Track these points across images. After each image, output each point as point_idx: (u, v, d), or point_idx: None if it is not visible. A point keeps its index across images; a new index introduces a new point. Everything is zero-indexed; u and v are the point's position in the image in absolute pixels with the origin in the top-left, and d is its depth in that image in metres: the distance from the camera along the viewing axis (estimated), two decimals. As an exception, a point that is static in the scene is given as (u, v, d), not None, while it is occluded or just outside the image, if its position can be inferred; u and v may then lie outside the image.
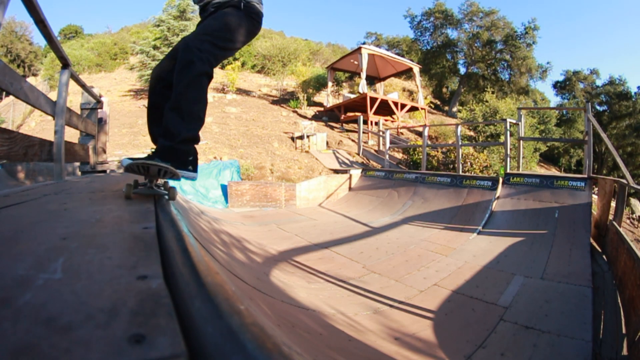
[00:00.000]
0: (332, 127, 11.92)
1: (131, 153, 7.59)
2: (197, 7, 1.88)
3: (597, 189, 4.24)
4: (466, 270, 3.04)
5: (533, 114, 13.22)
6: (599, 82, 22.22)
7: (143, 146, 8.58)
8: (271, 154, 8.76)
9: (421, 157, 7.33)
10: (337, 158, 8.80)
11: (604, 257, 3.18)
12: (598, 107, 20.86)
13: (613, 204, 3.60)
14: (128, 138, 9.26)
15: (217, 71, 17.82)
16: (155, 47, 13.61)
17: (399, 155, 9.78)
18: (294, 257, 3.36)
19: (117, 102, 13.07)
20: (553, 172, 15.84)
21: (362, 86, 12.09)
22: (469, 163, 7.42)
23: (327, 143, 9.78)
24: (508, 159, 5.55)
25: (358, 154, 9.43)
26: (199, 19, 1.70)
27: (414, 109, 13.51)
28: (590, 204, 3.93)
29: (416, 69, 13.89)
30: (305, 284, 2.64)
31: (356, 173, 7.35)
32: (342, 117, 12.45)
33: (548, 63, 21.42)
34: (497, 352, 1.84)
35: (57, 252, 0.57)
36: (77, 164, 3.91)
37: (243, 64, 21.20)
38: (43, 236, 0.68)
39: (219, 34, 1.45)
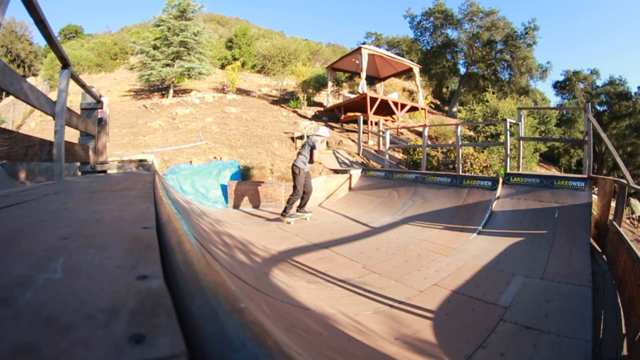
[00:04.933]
0: (332, 127, 11.91)
1: (131, 153, 7.59)
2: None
3: (597, 189, 4.24)
4: (466, 270, 3.04)
5: (533, 114, 13.21)
6: (599, 82, 22.22)
7: (143, 146, 8.58)
8: (271, 154, 8.76)
9: (421, 157, 7.33)
10: (337, 158, 8.79)
11: (604, 257, 3.18)
12: (598, 107, 20.85)
13: (613, 204, 3.60)
14: (128, 138, 9.26)
15: (217, 71, 17.84)
16: (155, 47, 13.60)
17: (399, 155, 9.78)
18: (294, 257, 3.36)
19: (117, 102, 13.07)
20: (553, 172, 15.84)
21: (362, 86, 12.09)
22: (469, 163, 7.42)
23: (327, 143, 9.77)
24: (508, 159, 5.55)
25: (358, 154, 9.43)
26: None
27: (414, 109, 13.50)
28: (590, 204, 3.93)
29: (416, 69, 13.88)
30: (305, 284, 2.64)
31: (356, 173, 7.35)
32: (342, 117, 12.44)
33: (548, 63, 21.40)
34: (497, 352, 1.84)
35: (57, 252, 0.57)
36: (78, 164, 3.91)
37: (243, 64, 21.20)
38: (43, 236, 0.69)
39: None
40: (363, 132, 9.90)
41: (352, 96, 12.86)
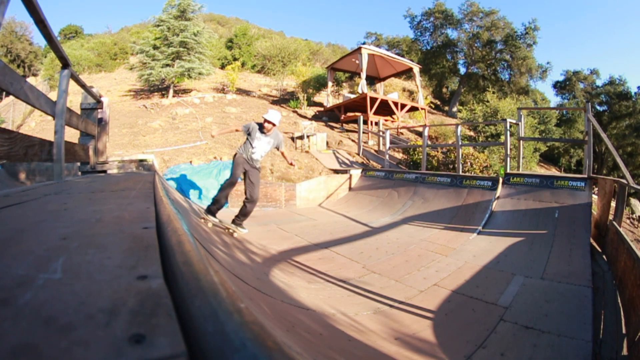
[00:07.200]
0: (332, 127, 11.91)
1: (131, 153, 7.58)
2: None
3: (597, 189, 4.24)
4: (466, 270, 3.04)
5: (533, 114, 13.21)
6: (599, 82, 22.24)
7: (143, 146, 8.58)
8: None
9: (421, 157, 7.32)
10: (337, 158, 8.79)
11: (604, 257, 3.18)
12: (598, 107, 20.85)
13: (613, 204, 3.60)
14: (128, 138, 9.26)
15: (217, 71, 17.83)
16: (155, 47, 13.59)
17: (399, 155, 9.78)
18: (294, 257, 3.36)
19: (117, 102, 13.06)
20: (553, 172, 15.84)
21: (362, 86, 12.09)
22: (469, 163, 7.41)
23: (327, 143, 9.77)
24: (508, 159, 5.55)
25: (358, 154, 9.43)
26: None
27: (414, 109, 13.50)
28: (590, 204, 3.93)
29: (416, 69, 13.88)
30: (305, 284, 2.64)
31: (356, 173, 7.35)
32: (342, 117, 12.44)
33: (548, 63, 21.44)
34: (497, 352, 1.84)
35: (57, 252, 0.57)
36: (78, 164, 3.91)
37: (243, 64, 21.20)
38: (43, 236, 0.69)
39: None
40: (363, 132, 9.90)
41: (352, 96, 12.85)
